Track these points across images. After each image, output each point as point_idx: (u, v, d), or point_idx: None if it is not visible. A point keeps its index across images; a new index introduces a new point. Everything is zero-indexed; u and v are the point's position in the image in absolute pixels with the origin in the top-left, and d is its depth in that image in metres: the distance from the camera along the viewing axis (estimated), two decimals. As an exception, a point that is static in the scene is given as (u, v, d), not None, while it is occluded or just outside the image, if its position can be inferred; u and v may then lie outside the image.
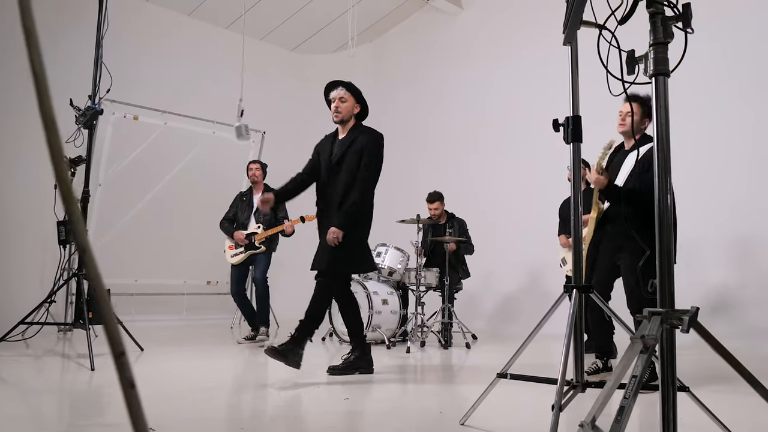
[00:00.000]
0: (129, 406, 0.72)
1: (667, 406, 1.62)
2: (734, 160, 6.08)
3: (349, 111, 4.04)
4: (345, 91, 4.03)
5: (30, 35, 0.66)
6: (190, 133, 8.29)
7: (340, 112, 4.02)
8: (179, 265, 8.10)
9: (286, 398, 3.31)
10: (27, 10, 0.66)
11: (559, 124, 2.43)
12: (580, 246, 2.46)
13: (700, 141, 6.13)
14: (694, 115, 6.14)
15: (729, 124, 6.14)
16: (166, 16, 8.92)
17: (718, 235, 6.05)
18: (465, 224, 6.75)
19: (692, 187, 5.97)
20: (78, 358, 4.59)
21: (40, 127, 0.65)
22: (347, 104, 4.03)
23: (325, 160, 4.06)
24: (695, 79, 5.90)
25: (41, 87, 0.66)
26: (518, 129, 8.12)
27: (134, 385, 0.72)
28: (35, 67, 0.66)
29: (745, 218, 5.90)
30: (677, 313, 1.64)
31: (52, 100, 0.67)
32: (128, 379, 0.71)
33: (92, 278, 0.72)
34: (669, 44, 1.76)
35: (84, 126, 4.70)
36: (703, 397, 2.26)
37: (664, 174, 1.74)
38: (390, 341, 5.84)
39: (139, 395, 0.72)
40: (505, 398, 2.97)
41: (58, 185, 0.71)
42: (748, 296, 5.77)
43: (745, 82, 6.07)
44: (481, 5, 9.13)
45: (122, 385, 0.71)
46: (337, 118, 4.04)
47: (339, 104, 4.01)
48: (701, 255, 6.05)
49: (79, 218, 0.72)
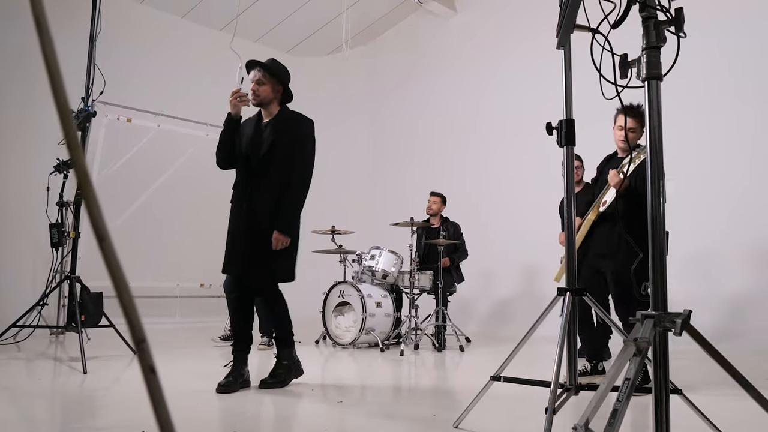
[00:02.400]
0: (150, 391, 0.72)
1: (659, 409, 1.63)
2: (735, 163, 6.08)
3: (267, 93, 3.72)
4: (262, 72, 3.71)
5: (41, 25, 0.66)
6: (183, 135, 8.27)
7: (259, 95, 3.70)
8: (172, 267, 8.07)
9: (280, 400, 3.30)
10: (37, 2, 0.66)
11: (553, 127, 2.44)
12: (573, 248, 2.47)
13: (702, 144, 6.18)
14: (696, 116, 6.19)
15: (729, 125, 6.15)
16: (159, 18, 8.90)
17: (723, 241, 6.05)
18: (459, 228, 6.77)
19: (695, 191, 6.01)
20: (70, 361, 4.56)
21: (31, 130, 0.65)
22: (265, 87, 3.70)
23: (250, 148, 3.71)
24: (694, 80, 5.94)
25: (55, 79, 0.66)
26: (511, 132, 8.14)
27: (155, 370, 0.72)
28: (48, 59, 0.66)
29: (747, 222, 5.90)
30: (670, 316, 1.64)
31: (66, 91, 0.67)
32: (149, 364, 0.72)
33: (112, 267, 0.72)
34: (662, 48, 1.77)
35: (77, 128, 4.68)
36: (696, 399, 2.27)
37: (657, 177, 1.75)
38: (384, 344, 5.84)
39: (159, 380, 0.72)
40: (498, 401, 2.97)
41: (75, 172, 0.71)
42: (754, 300, 5.77)
43: (745, 83, 6.07)
44: (474, 8, 9.15)
45: (143, 371, 0.72)
46: (255, 101, 3.73)
47: (256, 87, 3.70)
48: (709, 262, 6.09)
49: (97, 205, 0.72)
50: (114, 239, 2.70)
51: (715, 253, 6.07)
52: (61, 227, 4.91)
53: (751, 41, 6.08)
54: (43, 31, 0.66)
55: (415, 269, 6.07)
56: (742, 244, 5.93)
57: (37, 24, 0.66)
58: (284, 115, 3.78)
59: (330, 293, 6.25)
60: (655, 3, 1.75)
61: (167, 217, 8.17)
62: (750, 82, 6.03)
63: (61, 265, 5.28)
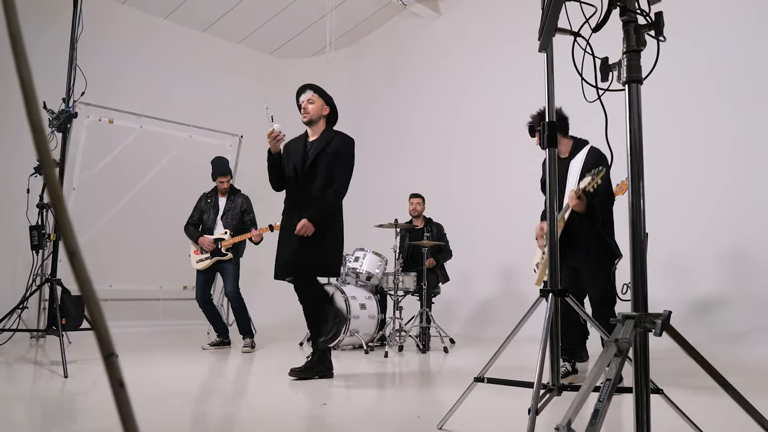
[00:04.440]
0: (119, 405, 0.72)
1: (640, 408, 1.65)
2: (715, 164, 6.14)
3: (317, 111, 4.14)
4: (312, 93, 4.15)
5: (16, 41, 0.65)
6: (166, 136, 8.20)
7: (309, 112, 4.11)
8: (155, 270, 8.00)
9: (263, 403, 3.29)
10: (12, 15, 0.65)
11: (535, 129, 2.45)
12: (555, 250, 2.48)
13: (682, 144, 6.24)
14: (676, 119, 6.25)
15: (709, 128, 6.21)
16: (142, 19, 8.84)
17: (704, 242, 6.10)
18: (442, 228, 6.79)
19: (675, 191, 6.08)
20: (51, 365, 4.51)
21: (8, 131, 0.65)
22: (315, 105, 4.13)
23: (297, 163, 4.09)
24: (676, 83, 6.00)
25: (28, 94, 0.66)
26: (494, 134, 8.17)
27: (123, 383, 0.72)
28: (22, 73, 0.65)
29: (727, 222, 5.96)
30: (650, 317, 1.66)
31: (39, 105, 0.67)
32: (118, 378, 0.71)
33: (82, 282, 0.72)
34: (642, 51, 1.79)
35: (58, 129, 4.63)
36: (678, 399, 2.29)
37: (638, 179, 1.77)
38: (368, 346, 5.84)
39: (128, 394, 0.72)
40: (482, 402, 2.98)
41: (48, 189, 0.70)
42: (732, 301, 5.83)
43: (725, 86, 6.14)
44: (458, 11, 9.19)
45: (112, 385, 0.71)
46: (306, 118, 4.13)
47: (307, 105, 4.12)
48: (686, 262, 6.15)
49: (68, 220, 0.72)
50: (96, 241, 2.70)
51: (692, 253, 6.13)
52: (41, 229, 4.84)
53: (731, 43, 6.15)
54: (18, 52, 0.65)
55: (399, 270, 6.07)
56: (718, 246, 6.00)
57: (13, 43, 0.65)
58: (327, 133, 4.15)
59: (314, 295, 6.23)
60: (635, 7, 1.77)
61: (150, 219, 8.10)
62: (730, 83, 6.09)
63: (42, 267, 5.21)
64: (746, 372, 4.40)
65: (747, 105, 5.99)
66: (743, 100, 5.99)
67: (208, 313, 6.06)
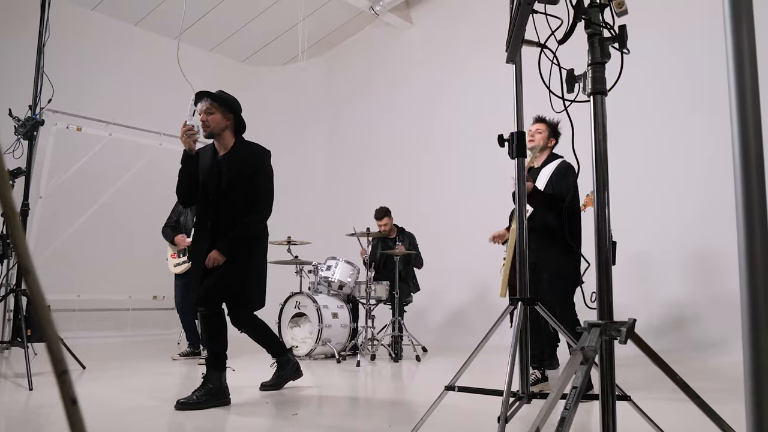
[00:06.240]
0: (71, 423, 0.71)
1: (607, 415, 1.67)
2: (690, 170, 6.22)
3: (217, 123, 3.61)
4: (210, 102, 3.60)
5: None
6: (136, 144, 8.12)
7: (209, 125, 3.60)
8: (124, 279, 7.89)
9: (234, 415, 3.25)
10: None
11: (504, 139, 2.48)
12: (525, 258, 2.50)
13: (649, 151, 6.35)
14: (644, 126, 6.36)
15: (676, 135, 6.32)
16: (112, 26, 8.75)
17: (672, 248, 6.20)
18: (414, 238, 6.81)
19: (644, 198, 6.17)
20: (15, 377, 4.42)
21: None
22: (215, 116, 3.61)
23: (209, 183, 3.63)
24: (642, 90, 6.11)
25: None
26: (464, 143, 8.24)
27: (76, 401, 0.71)
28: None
29: (698, 229, 6.05)
30: (615, 325, 1.69)
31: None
32: (70, 396, 0.70)
33: (36, 300, 0.71)
34: (607, 63, 1.82)
35: (24, 137, 4.56)
36: (645, 405, 2.33)
37: (603, 188, 1.80)
38: (340, 355, 5.82)
39: (81, 412, 0.71)
40: (452, 410, 2.99)
41: (1, 204, 0.69)
42: (701, 309, 5.92)
43: (697, 91, 6.23)
44: (430, 21, 9.26)
45: (64, 403, 0.71)
46: (206, 132, 3.63)
47: (206, 117, 3.60)
48: (655, 268, 6.24)
49: (22, 238, 0.71)
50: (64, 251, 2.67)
51: (661, 260, 6.22)
52: (6, 239, 4.75)
53: (702, 48, 6.27)
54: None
55: (371, 278, 6.06)
56: (687, 252, 6.10)
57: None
58: (240, 148, 3.70)
59: (286, 304, 6.21)
60: (599, 20, 1.80)
61: (119, 227, 7.99)
62: (698, 90, 6.19)
63: (7, 277, 5.10)
64: (716, 377, 4.49)
65: (717, 114, 6.09)
66: (713, 109, 6.10)
67: (186, 323, 5.95)
